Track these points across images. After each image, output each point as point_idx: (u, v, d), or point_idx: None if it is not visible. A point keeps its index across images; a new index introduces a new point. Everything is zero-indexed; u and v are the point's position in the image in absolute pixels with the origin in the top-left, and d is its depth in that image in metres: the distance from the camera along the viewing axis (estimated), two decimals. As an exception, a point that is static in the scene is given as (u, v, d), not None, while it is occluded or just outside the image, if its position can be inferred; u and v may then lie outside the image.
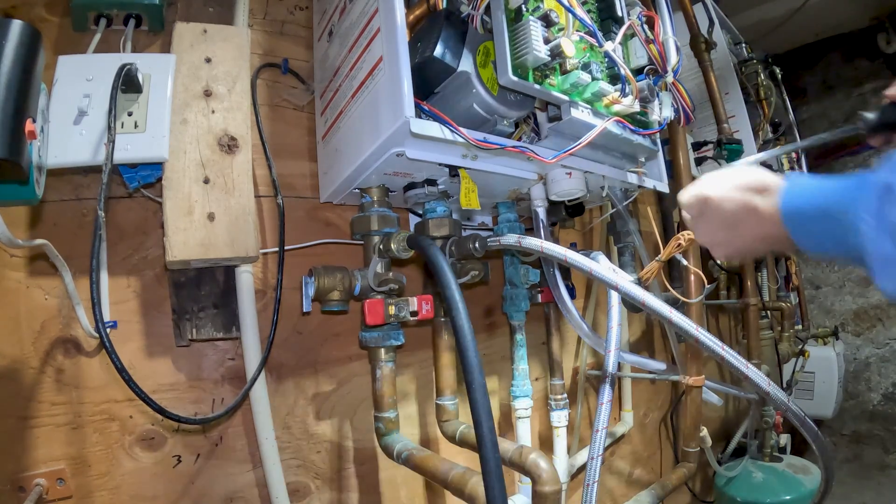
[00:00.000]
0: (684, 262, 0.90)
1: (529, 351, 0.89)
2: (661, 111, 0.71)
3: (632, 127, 0.69)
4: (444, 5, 0.58)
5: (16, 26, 0.43)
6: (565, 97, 0.60)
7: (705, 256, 1.58)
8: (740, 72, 1.64)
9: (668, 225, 1.46)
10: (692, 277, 0.91)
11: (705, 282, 0.89)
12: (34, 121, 0.44)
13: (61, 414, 0.60)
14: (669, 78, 0.68)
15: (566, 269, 0.90)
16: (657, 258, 0.63)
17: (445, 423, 0.78)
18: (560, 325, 1.03)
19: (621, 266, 0.98)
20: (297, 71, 0.82)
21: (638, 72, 0.69)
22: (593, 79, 0.61)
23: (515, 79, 0.55)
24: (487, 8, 0.59)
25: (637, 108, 0.66)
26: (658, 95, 0.69)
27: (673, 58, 0.70)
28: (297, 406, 0.75)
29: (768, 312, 1.62)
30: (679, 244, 0.58)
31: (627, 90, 0.64)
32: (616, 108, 0.65)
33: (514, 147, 0.60)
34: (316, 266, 0.67)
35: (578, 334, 0.91)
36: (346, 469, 0.79)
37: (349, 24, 0.68)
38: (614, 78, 0.65)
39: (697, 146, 1.50)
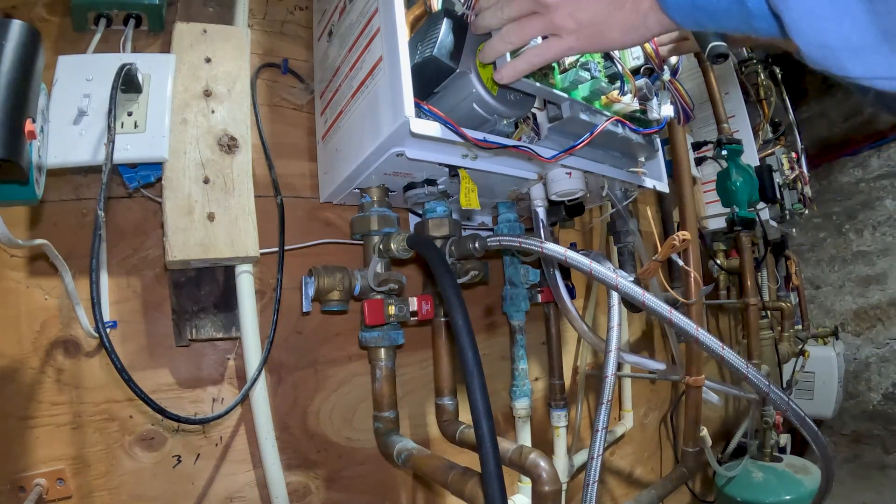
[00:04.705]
0: (680, 262, 0.91)
1: (529, 351, 0.89)
2: (661, 110, 0.71)
3: (632, 126, 0.69)
4: (440, 6, 0.57)
5: (16, 26, 0.43)
6: (565, 95, 0.60)
7: (705, 257, 1.59)
8: (740, 72, 1.64)
9: (668, 225, 1.46)
10: (692, 278, 0.91)
11: (700, 283, 0.89)
12: (34, 121, 0.44)
13: (61, 414, 0.60)
14: (666, 76, 0.68)
15: (566, 269, 0.90)
16: (654, 258, 0.63)
17: (445, 423, 0.78)
18: (560, 325, 1.03)
19: (621, 266, 0.98)
20: (297, 71, 0.82)
21: (635, 71, 0.69)
22: (592, 77, 0.61)
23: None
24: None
25: (636, 106, 0.66)
26: (657, 94, 0.69)
27: (672, 57, 0.70)
28: (297, 406, 0.75)
29: (768, 312, 1.62)
30: (674, 244, 0.58)
31: (626, 89, 0.64)
32: (616, 106, 0.65)
33: (514, 146, 0.60)
34: (316, 266, 0.67)
35: (578, 334, 0.91)
36: (345, 469, 0.79)
37: (349, 24, 0.68)
38: (612, 77, 0.65)
39: (697, 146, 1.50)
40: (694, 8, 0.37)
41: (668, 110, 0.72)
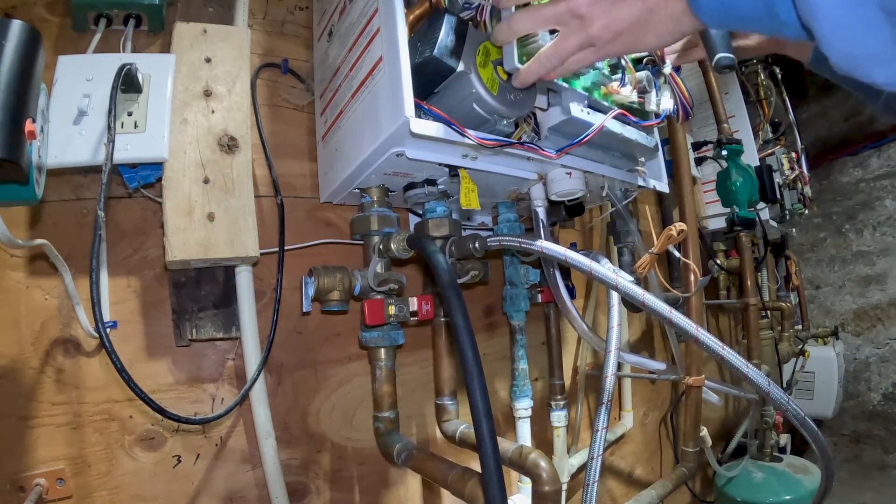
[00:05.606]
0: (677, 254, 0.90)
1: (529, 351, 0.89)
2: (660, 103, 0.71)
3: (633, 118, 0.69)
4: (446, 4, 0.58)
5: (16, 26, 0.43)
6: (565, 84, 0.61)
7: (705, 257, 1.59)
8: (740, 72, 1.64)
9: (668, 225, 1.46)
10: (690, 271, 0.92)
11: (699, 274, 0.89)
12: (34, 121, 0.44)
13: (61, 414, 0.60)
14: (667, 69, 0.68)
15: (566, 269, 0.90)
16: (650, 251, 0.62)
17: (445, 423, 0.78)
18: (560, 325, 1.03)
19: (621, 266, 0.98)
20: (297, 71, 0.82)
21: (637, 62, 0.69)
22: (593, 68, 0.61)
23: (521, 66, 0.55)
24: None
25: (634, 97, 0.66)
26: (656, 86, 0.69)
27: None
28: (296, 406, 0.75)
29: (768, 312, 1.62)
30: (671, 236, 0.58)
31: (626, 80, 0.64)
32: (614, 97, 0.65)
33: (518, 143, 0.60)
34: (316, 266, 0.67)
35: (578, 334, 0.91)
36: (345, 469, 0.79)
37: (349, 24, 0.68)
38: (614, 67, 0.65)
39: (697, 146, 1.50)
40: (724, 13, 0.38)
41: (667, 103, 0.72)
